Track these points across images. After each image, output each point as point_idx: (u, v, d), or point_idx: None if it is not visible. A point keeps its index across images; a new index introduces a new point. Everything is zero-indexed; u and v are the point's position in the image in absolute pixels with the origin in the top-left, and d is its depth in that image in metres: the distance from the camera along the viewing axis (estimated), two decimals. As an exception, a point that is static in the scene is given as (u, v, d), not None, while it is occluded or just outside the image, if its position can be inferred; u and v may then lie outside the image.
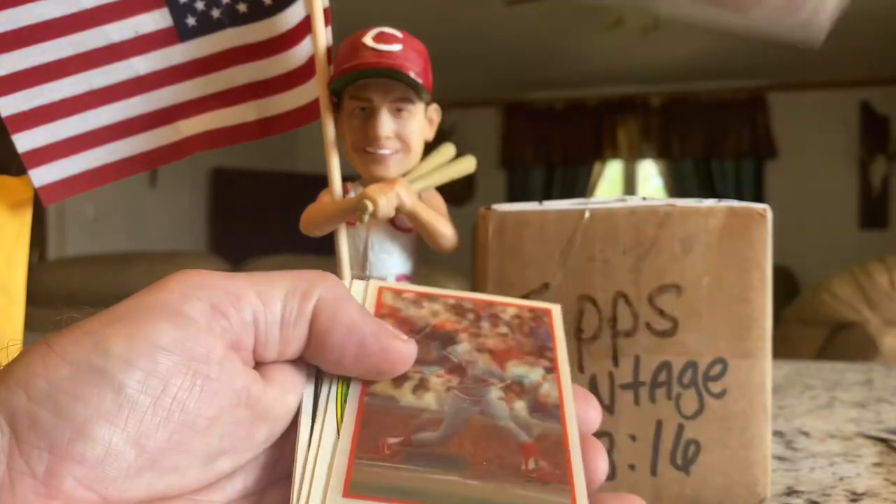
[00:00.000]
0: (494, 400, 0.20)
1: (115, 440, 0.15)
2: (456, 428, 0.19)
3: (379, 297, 0.22)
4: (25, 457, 0.15)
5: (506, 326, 0.22)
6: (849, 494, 0.31)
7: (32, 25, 0.34)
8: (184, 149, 0.37)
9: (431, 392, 0.20)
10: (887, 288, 1.46)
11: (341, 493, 0.17)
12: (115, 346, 0.15)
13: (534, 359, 0.21)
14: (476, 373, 0.20)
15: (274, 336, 0.18)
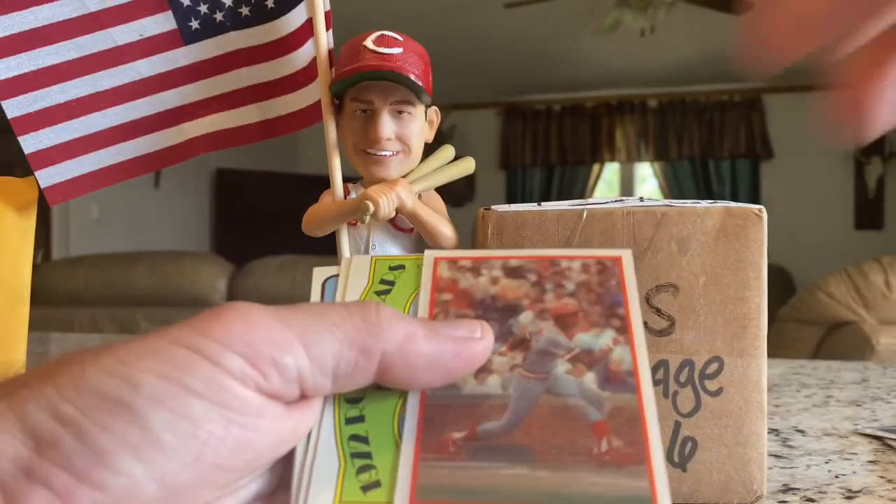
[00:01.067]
0: (562, 375, 0.18)
1: (138, 474, 0.15)
2: (522, 412, 0.18)
3: (435, 270, 0.21)
4: (46, 471, 0.15)
5: (572, 286, 0.20)
6: (844, 492, 0.32)
7: (38, 28, 0.34)
8: (187, 150, 0.37)
9: (495, 374, 0.18)
10: (882, 287, 1.47)
11: (408, 501, 0.16)
12: (146, 384, 0.15)
13: (604, 320, 0.19)
14: (541, 345, 0.19)
15: (325, 385, 0.17)
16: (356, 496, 0.17)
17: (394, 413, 0.19)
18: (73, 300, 2.03)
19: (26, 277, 0.35)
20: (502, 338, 0.19)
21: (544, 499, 0.16)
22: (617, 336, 0.19)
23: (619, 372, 0.18)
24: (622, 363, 0.18)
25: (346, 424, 0.18)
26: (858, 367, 0.70)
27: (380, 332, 0.17)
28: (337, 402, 0.19)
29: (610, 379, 0.18)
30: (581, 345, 0.19)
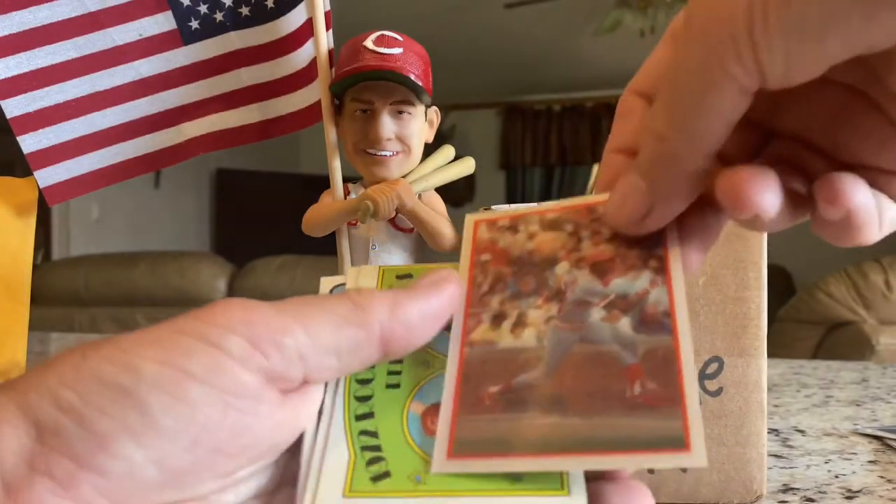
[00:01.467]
0: (597, 322, 0.18)
1: (138, 458, 0.15)
2: (556, 363, 0.17)
3: (475, 233, 0.21)
4: (47, 459, 0.15)
5: (609, 232, 0.20)
6: (844, 492, 0.32)
7: (37, 28, 0.34)
8: (187, 150, 0.37)
9: (530, 328, 0.18)
10: (882, 288, 1.47)
11: (445, 455, 0.16)
12: (147, 369, 0.15)
13: (641, 263, 0.19)
14: (576, 295, 0.19)
15: (330, 364, 0.17)
16: (366, 486, 0.17)
17: (403, 410, 0.19)
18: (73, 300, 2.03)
19: (26, 277, 0.35)
20: (538, 291, 0.19)
21: (577, 444, 0.16)
22: (654, 277, 0.18)
23: (655, 314, 0.18)
24: (659, 304, 0.18)
25: (356, 421, 0.18)
26: (858, 367, 0.70)
27: (369, 307, 0.18)
28: (347, 400, 0.19)
29: (645, 321, 0.18)
30: (617, 290, 0.18)
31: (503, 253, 0.20)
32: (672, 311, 0.18)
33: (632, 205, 0.18)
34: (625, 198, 0.18)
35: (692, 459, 0.15)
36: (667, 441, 0.16)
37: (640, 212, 0.18)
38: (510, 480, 0.17)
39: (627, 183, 0.18)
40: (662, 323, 0.18)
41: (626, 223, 0.19)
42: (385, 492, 0.17)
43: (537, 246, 0.20)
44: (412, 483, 0.17)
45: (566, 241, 0.20)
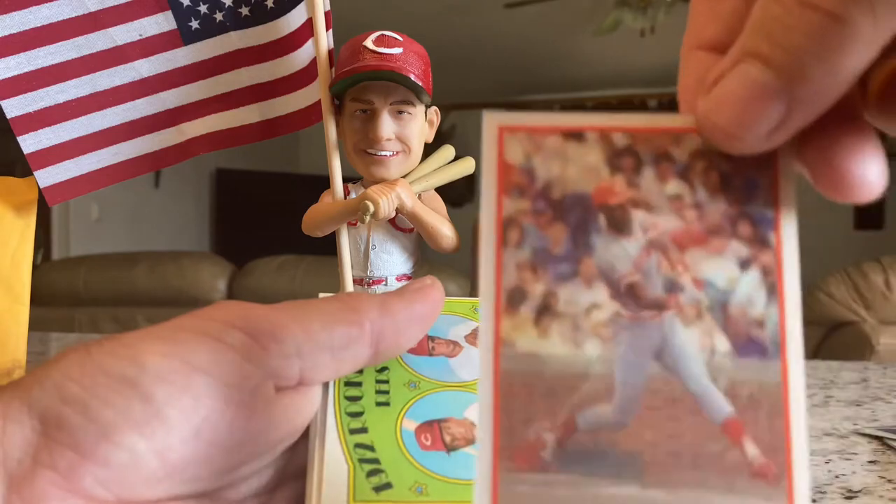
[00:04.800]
0: (683, 342, 0.13)
1: (140, 448, 0.15)
2: (631, 400, 0.13)
3: (500, 148, 0.14)
4: (51, 452, 0.15)
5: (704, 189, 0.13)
6: (844, 492, 0.32)
7: (38, 28, 0.34)
8: (187, 150, 0.37)
9: (593, 338, 0.13)
10: (883, 288, 1.47)
11: None
12: (150, 361, 0.16)
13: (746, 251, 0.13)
14: (656, 292, 0.13)
15: (325, 361, 0.17)
16: (369, 496, 0.17)
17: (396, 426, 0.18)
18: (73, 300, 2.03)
19: (26, 277, 0.35)
20: (603, 278, 0.13)
21: None
22: (762, 277, 0.13)
23: (761, 340, 0.13)
24: (766, 325, 0.13)
25: (350, 434, 0.18)
26: (858, 367, 0.70)
27: (360, 307, 0.18)
28: (338, 415, 0.19)
29: (749, 350, 0.13)
30: (712, 293, 0.13)
31: (546, 197, 0.13)
32: (782, 335, 0.13)
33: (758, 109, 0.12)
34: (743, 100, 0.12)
35: None
36: None
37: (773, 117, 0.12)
38: None
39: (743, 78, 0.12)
40: (769, 354, 0.13)
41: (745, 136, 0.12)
42: (388, 501, 0.17)
43: (599, 194, 0.13)
44: (414, 494, 0.17)
45: (643, 194, 0.13)
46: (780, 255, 0.13)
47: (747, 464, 0.12)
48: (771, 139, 0.12)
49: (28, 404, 0.15)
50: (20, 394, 0.15)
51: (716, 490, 0.12)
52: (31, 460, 0.15)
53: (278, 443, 0.17)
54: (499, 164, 0.14)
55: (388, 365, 0.20)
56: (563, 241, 0.13)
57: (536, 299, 0.13)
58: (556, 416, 0.13)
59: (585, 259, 0.13)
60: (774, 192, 0.13)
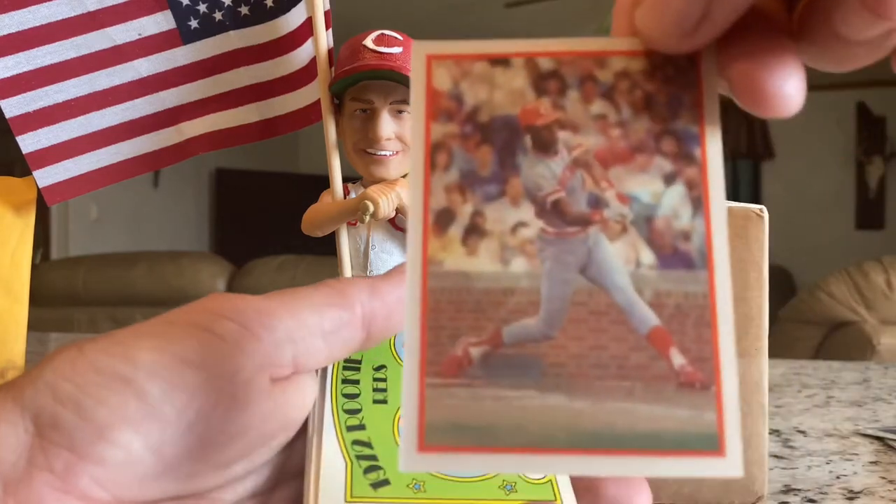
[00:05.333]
0: (609, 256, 0.13)
1: (136, 446, 0.15)
2: (557, 313, 0.13)
3: (429, 76, 0.14)
4: (46, 453, 0.15)
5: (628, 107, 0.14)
6: (845, 492, 0.32)
7: (37, 27, 0.34)
8: (186, 150, 0.37)
9: (520, 255, 0.13)
10: (884, 287, 1.47)
11: (416, 447, 0.12)
12: (143, 358, 0.16)
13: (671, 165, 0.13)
14: (580, 207, 0.13)
15: (317, 347, 0.17)
16: (367, 492, 0.17)
17: (393, 423, 0.18)
18: (72, 300, 2.03)
19: (25, 277, 0.35)
20: (528, 197, 0.13)
21: (585, 441, 0.12)
22: (688, 192, 0.13)
23: (687, 251, 0.13)
24: (692, 237, 0.13)
25: (348, 431, 0.18)
26: (860, 368, 0.70)
27: (349, 291, 0.18)
28: (336, 412, 0.19)
29: (674, 262, 0.13)
30: (637, 207, 0.13)
31: (473, 121, 0.14)
32: (709, 249, 0.13)
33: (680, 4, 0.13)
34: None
35: (726, 466, 0.12)
36: (696, 440, 0.12)
37: (693, 15, 0.13)
38: (505, 490, 0.17)
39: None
40: (695, 265, 0.13)
41: (671, 34, 0.13)
42: (386, 498, 0.17)
43: (525, 116, 0.14)
44: (412, 491, 0.17)
45: (568, 115, 0.14)
46: (706, 168, 0.13)
47: (674, 373, 0.12)
48: (696, 35, 0.13)
49: (21, 405, 0.15)
50: (13, 394, 0.15)
51: (642, 400, 0.12)
52: (26, 462, 0.15)
53: (273, 437, 0.17)
54: (427, 91, 0.14)
55: (385, 363, 0.20)
56: (490, 163, 0.14)
57: (464, 219, 0.13)
58: (483, 331, 0.13)
59: (512, 179, 0.14)
60: (699, 108, 0.13)
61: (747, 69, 0.13)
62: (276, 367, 0.17)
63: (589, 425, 0.12)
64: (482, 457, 0.12)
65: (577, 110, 0.14)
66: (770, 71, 0.13)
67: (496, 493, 0.17)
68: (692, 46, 0.13)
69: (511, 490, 0.17)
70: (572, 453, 0.12)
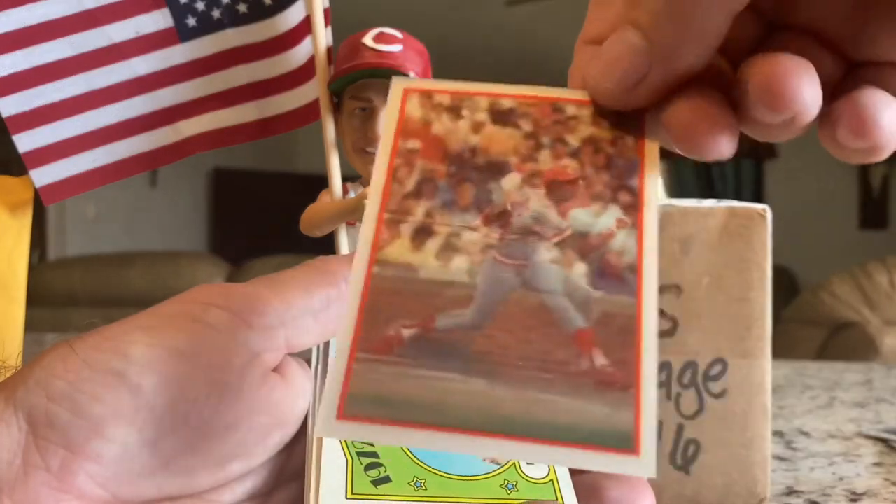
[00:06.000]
0: (545, 263, 0.14)
1: (131, 441, 0.15)
2: (490, 308, 0.14)
3: (403, 106, 0.16)
4: (42, 452, 0.15)
5: (576, 142, 0.16)
6: (848, 494, 0.31)
7: (34, 26, 0.34)
8: (184, 149, 0.37)
9: (462, 255, 0.14)
10: (887, 288, 1.46)
11: (335, 413, 0.13)
12: (135, 352, 0.16)
13: (610, 193, 0.15)
14: (525, 221, 0.15)
15: (309, 325, 0.17)
16: (367, 490, 0.17)
17: None
18: (70, 301, 2.03)
19: (22, 278, 0.35)
20: (478, 206, 0.15)
21: (500, 425, 0.13)
22: (623, 217, 0.15)
23: (618, 266, 0.14)
24: (624, 254, 0.14)
25: None
26: (863, 369, 0.70)
27: (332, 268, 0.18)
28: None
29: (606, 274, 0.14)
30: (576, 225, 0.15)
31: (438, 143, 0.16)
32: (639, 266, 0.14)
33: (626, 64, 0.15)
34: (615, 57, 0.15)
35: (639, 465, 0.12)
36: (611, 437, 0.13)
37: (636, 71, 0.15)
38: (507, 489, 0.17)
39: (620, 40, 0.15)
40: (625, 280, 0.14)
41: (614, 88, 0.15)
42: (387, 495, 0.17)
43: (484, 143, 0.16)
44: (413, 488, 0.17)
45: (520, 145, 0.16)
46: (643, 196, 0.15)
47: (595, 371, 0.13)
48: (635, 93, 0.15)
49: (13, 404, 0.15)
50: (5, 394, 0.15)
51: (562, 393, 0.13)
52: (22, 462, 0.15)
53: (268, 432, 0.17)
54: (399, 116, 0.16)
55: None
56: (446, 174, 0.15)
57: (416, 220, 0.15)
58: (417, 315, 0.14)
59: (464, 190, 0.15)
60: (640, 146, 0.16)
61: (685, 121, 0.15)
62: (269, 352, 0.17)
63: (507, 411, 0.13)
64: (398, 430, 0.13)
65: (529, 141, 0.16)
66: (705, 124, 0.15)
67: (497, 492, 0.17)
68: (633, 104, 0.15)
69: (513, 489, 0.17)
70: (487, 436, 0.13)
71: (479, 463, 0.18)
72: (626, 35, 0.15)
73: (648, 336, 0.14)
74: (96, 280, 2.04)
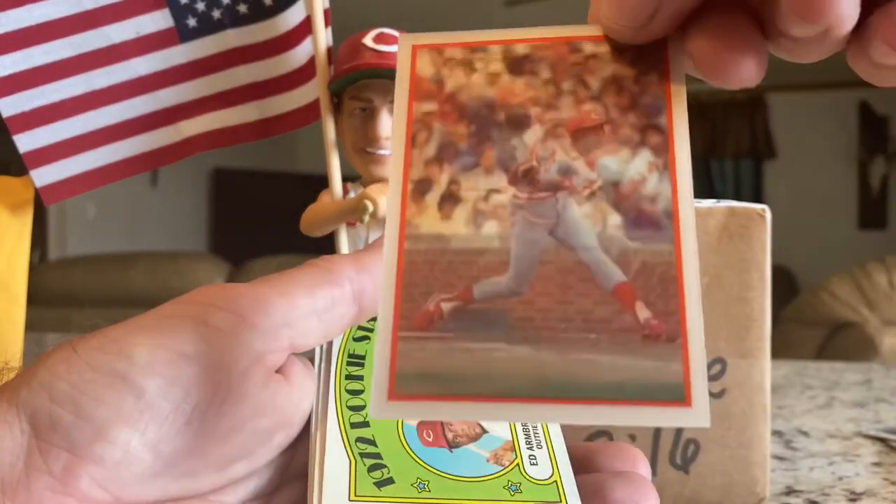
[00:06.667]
0: (577, 218, 0.14)
1: (134, 444, 0.15)
2: (526, 271, 0.14)
3: (413, 65, 0.15)
4: (44, 455, 0.15)
5: (597, 84, 0.15)
6: (848, 494, 0.31)
7: (34, 26, 0.34)
8: (185, 149, 0.37)
9: (492, 219, 0.14)
10: (886, 288, 1.46)
11: (386, 394, 0.13)
12: (139, 354, 0.15)
13: (638, 136, 0.14)
14: (551, 176, 0.14)
15: (313, 326, 0.17)
16: (370, 491, 0.17)
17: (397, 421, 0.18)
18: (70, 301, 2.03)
19: (23, 278, 0.35)
20: (503, 166, 0.14)
21: (550, 390, 0.13)
22: (654, 159, 0.14)
23: (653, 213, 0.13)
24: (658, 199, 0.14)
25: (352, 428, 0.18)
26: (862, 369, 0.70)
27: (335, 268, 0.18)
28: (339, 409, 0.19)
29: (641, 222, 0.13)
30: (605, 174, 0.14)
31: (453, 101, 0.15)
32: (675, 210, 0.13)
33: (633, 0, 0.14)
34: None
35: (692, 416, 0.12)
36: (661, 390, 0.12)
37: (645, 8, 0.14)
38: (510, 490, 0.17)
39: None
40: (662, 226, 0.13)
41: (628, 24, 0.14)
42: (390, 497, 0.17)
43: (501, 96, 0.15)
44: (416, 490, 0.17)
45: (540, 93, 0.15)
46: (672, 136, 0.14)
47: (640, 326, 0.13)
48: (651, 26, 0.14)
49: (16, 406, 0.15)
50: (7, 396, 0.15)
51: (607, 351, 0.13)
52: (24, 464, 0.15)
53: (271, 434, 0.17)
54: (411, 77, 0.15)
55: None
56: (466, 136, 0.15)
57: (441, 188, 0.14)
58: (455, 287, 0.14)
59: (487, 151, 0.15)
60: (666, 81, 0.14)
61: (710, 47, 0.14)
62: (272, 353, 0.17)
63: (554, 375, 0.13)
64: (449, 405, 0.13)
65: (549, 88, 0.15)
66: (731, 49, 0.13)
67: (501, 493, 0.17)
68: (649, 38, 0.14)
69: (516, 491, 0.17)
70: (536, 402, 0.13)
71: (483, 464, 0.18)
72: None
73: (690, 282, 0.13)
74: (97, 280, 2.04)
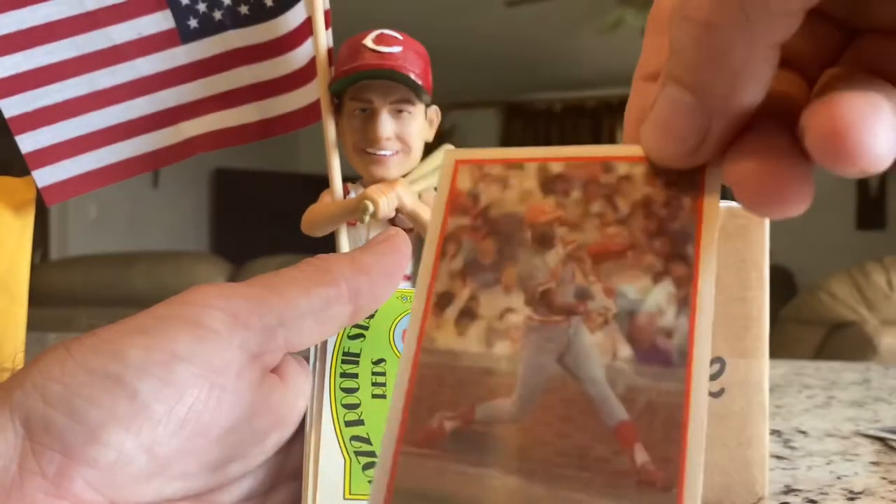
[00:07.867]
0: (587, 348, 0.13)
1: (128, 446, 0.15)
2: (530, 398, 0.13)
3: (454, 179, 0.16)
4: (38, 457, 0.15)
5: (626, 207, 0.14)
6: (846, 493, 0.32)
7: (36, 27, 0.34)
8: (186, 150, 0.37)
9: (505, 339, 0.14)
10: (885, 288, 1.46)
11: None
12: (133, 355, 0.15)
13: (661, 264, 0.14)
14: (567, 299, 0.14)
15: (309, 327, 0.17)
16: (365, 490, 0.17)
17: None
18: (71, 301, 2.03)
19: (24, 278, 0.35)
20: (522, 286, 0.14)
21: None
22: (675, 290, 0.13)
23: (666, 349, 0.13)
24: (674, 335, 0.13)
25: (347, 427, 0.18)
26: (860, 368, 0.70)
27: (331, 267, 0.18)
28: (334, 407, 0.19)
29: (652, 358, 0.13)
30: (622, 303, 0.14)
31: (484, 216, 0.15)
32: (690, 349, 0.13)
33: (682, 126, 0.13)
34: (668, 120, 0.13)
35: None
36: None
37: (697, 131, 0.13)
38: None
39: (667, 99, 0.13)
40: (673, 364, 0.13)
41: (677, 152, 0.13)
42: None
43: (530, 214, 0.15)
44: None
45: (568, 213, 0.15)
46: (698, 269, 0.13)
47: (635, 470, 0.12)
48: (701, 152, 0.13)
49: (10, 408, 0.15)
50: (1, 398, 0.15)
51: (600, 494, 0.12)
52: (18, 467, 0.14)
53: (266, 435, 0.17)
54: (450, 191, 0.16)
55: (384, 356, 0.20)
56: (491, 253, 0.15)
57: (461, 303, 0.15)
58: (458, 406, 0.14)
59: (508, 269, 0.15)
60: (699, 210, 0.14)
61: (752, 172, 0.13)
62: (267, 354, 0.17)
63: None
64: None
65: (577, 209, 0.15)
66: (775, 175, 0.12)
67: None
68: (696, 163, 0.14)
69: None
70: None
71: None
72: (670, 92, 0.13)
73: (696, 429, 0.12)
74: (98, 280, 2.04)
